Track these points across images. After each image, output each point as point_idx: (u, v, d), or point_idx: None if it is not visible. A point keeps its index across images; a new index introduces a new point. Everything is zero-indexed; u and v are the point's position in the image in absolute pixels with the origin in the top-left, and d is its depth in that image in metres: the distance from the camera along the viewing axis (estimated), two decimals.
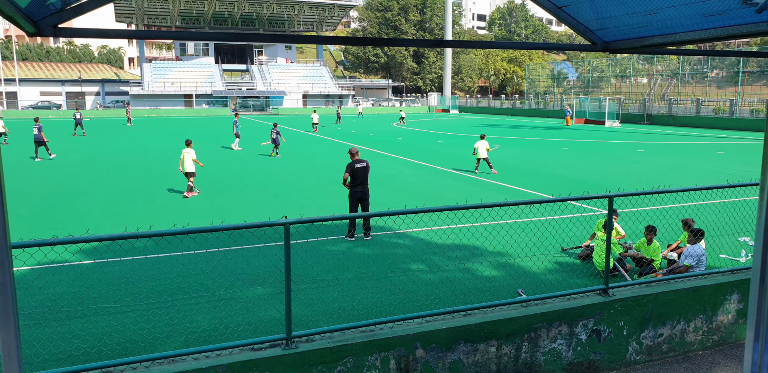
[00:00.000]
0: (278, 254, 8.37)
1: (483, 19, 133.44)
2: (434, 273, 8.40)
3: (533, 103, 69.32)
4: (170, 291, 7.55)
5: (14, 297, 2.57)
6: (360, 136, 35.29)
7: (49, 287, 7.64)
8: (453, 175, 18.83)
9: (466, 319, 6.10)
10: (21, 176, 18.54)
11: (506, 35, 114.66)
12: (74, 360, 5.63)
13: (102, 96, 77.84)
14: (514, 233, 9.47)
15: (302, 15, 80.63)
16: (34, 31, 3.00)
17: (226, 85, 75.07)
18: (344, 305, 7.12)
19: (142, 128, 44.28)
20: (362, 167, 10.72)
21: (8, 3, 2.51)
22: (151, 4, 71.44)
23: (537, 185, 16.50)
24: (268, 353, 5.35)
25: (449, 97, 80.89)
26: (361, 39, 3.82)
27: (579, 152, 25.98)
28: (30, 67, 77.15)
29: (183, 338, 6.15)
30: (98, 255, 9.31)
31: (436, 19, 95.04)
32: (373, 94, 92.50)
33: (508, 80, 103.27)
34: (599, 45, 4.48)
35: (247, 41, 3.29)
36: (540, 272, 8.41)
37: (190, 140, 15.69)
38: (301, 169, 20.52)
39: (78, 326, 6.47)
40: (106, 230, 11.07)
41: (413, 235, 10.69)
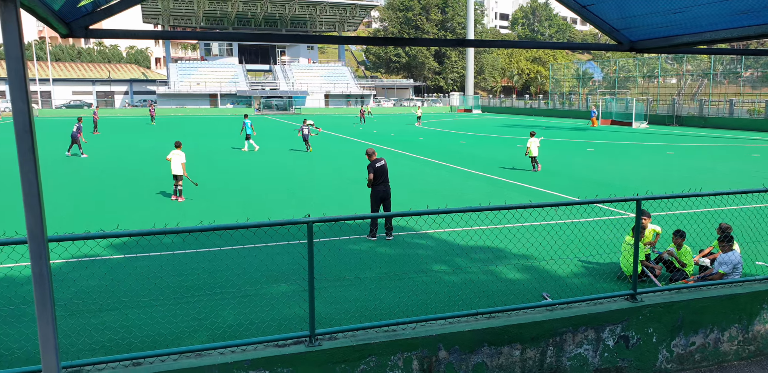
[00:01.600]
0: (302, 252, 8.45)
1: (506, 19, 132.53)
2: (457, 275, 8.38)
3: (558, 103, 68.62)
4: (197, 286, 7.66)
5: (51, 289, 2.65)
6: (381, 136, 35.34)
7: (83, 279, 7.81)
8: (475, 175, 18.76)
9: (490, 321, 6.08)
10: (53, 172, 18.94)
11: (529, 35, 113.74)
12: (106, 351, 5.76)
13: (130, 95, 79.17)
14: (539, 236, 9.41)
15: (324, 15, 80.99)
16: (67, 32, 3.09)
17: (250, 85, 75.76)
18: (367, 304, 7.14)
19: (166, 127, 44.90)
20: (382, 166, 10.76)
21: (43, 5, 2.58)
22: (177, 5, 72.41)
23: (562, 187, 16.35)
24: (291, 349, 5.40)
25: (471, 97, 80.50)
26: (383, 39, 3.83)
27: (605, 154, 25.66)
28: (63, 67, 78.81)
29: (209, 332, 6.25)
30: (128, 250, 9.49)
31: (457, 18, 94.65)
32: (395, 94, 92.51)
33: (532, 80, 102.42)
34: (625, 44, 4.43)
35: (269, 42, 3.33)
36: (565, 275, 8.33)
37: (179, 142, 14.84)
38: (323, 168, 20.62)
39: (109, 318, 6.61)
40: (136, 226, 11.26)
41: (435, 235, 10.68)
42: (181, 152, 14.42)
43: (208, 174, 18.90)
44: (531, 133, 19.86)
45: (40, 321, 2.66)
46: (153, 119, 49.98)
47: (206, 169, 19.96)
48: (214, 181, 17.52)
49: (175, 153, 14.32)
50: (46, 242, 2.65)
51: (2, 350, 5.77)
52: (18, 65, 2.36)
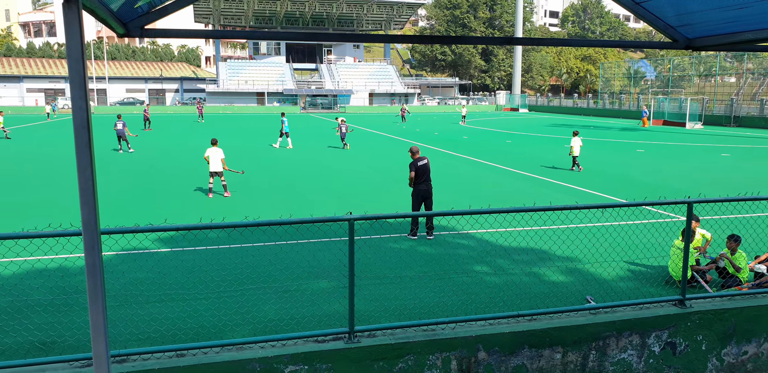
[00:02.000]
0: (342, 249, 8.51)
1: (555, 16, 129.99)
2: (498, 276, 8.29)
3: (607, 102, 66.90)
4: (240, 280, 7.82)
5: (102, 279, 2.75)
6: (424, 135, 35.23)
7: (131, 272, 8.09)
8: (520, 176, 18.50)
9: (531, 324, 6.00)
10: (103, 166, 19.65)
11: (580, 32, 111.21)
12: (152, 341, 5.94)
13: (180, 93, 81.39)
14: (584, 238, 9.21)
15: (371, 14, 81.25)
16: (124, 32, 3.20)
17: (296, 83, 76.73)
18: (406, 303, 7.15)
19: (213, 124, 45.94)
20: (424, 164, 10.72)
21: (102, 7, 2.68)
22: (227, 4, 73.92)
23: (610, 188, 15.95)
24: (331, 345, 5.46)
25: (518, 96, 79.35)
26: (430, 37, 3.82)
27: (656, 155, 24.90)
28: (117, 65, 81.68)
29: (251, 326, 6.37)
30: (175, 244, 9.78)
31: (506, 16, 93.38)
32: (439, 93, 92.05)
33: (581, 79, 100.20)
34: (681, 42, 4.28)
35: (317, 41, 3.36)
36: (611, 279, 8.14)
37: (216, 139, 15.08)
38: (365, 167, 20.72)
39: (156, 310, 6.82)
40: (182, 221, 11.58)
41: (477, 236, 10.59)
42: (219, 149, 14.64)
43: (253, 171, 19.26)
44: (574, 133, 20.02)
45: (92, 310, 2.76)
46: (201, 117, 51.08)
47: (251, 166, 20.35)
48: (259, 178, 17.84)
49: (213, 150, 14.51)
50: (99, 234, 2.76)
51: (55, 338, 6.03)
52: (78, 65, 2.46)
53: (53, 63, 79.55)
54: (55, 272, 8.06)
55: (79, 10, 2.41)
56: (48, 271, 8.08)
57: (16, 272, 8.10)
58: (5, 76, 74.19)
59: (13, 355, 5.67)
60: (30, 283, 7.72)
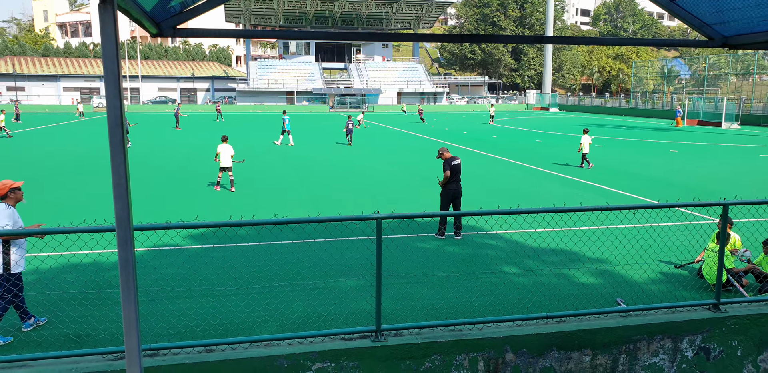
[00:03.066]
0: (370, 248, 8.53)
1: (587, 14, 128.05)
2: (527, 277, 8.20)
3: (640, 102, 65.66)
4: (269, 277, 7.90)
5: (135, 274, 2.80)
6: (453, 134, 35.07)
7: (162, 267, 8.23)
8: (550, 175, 18.28)
9: (560, 325, 5.92)
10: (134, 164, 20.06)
11: (612, 31, 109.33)
12: (182, 336, 6.04)
13: (212, 92, 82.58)
14: (615, 239, 9.06)
15: (400, 13, 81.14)
16: (157, 32, 3.25)
17: (325, 82, 77.12)
18: (433, 303, 7.12)
19: (235, 123, 46.43)
20: (458, 164, 10.70)
21: (136, 7, 2.73)
22: (258, 4, 74.65)
23: (642, 189, 15.65)
24: (357, 343, 5.47)
25: (549, 95, 78.43)
26: (459, 36, 3.79)
27: (690, 155, 24.34)
28: (150, 65, 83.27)
29: (279, 323, 6.42)
30: (205, 240, 9.92)
31: (536, 14, 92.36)
32: (468, 92, 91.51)
33: (613, 78, 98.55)
34: (717, 40, 4.17)
35: (346, 40, 3.37)
36: (642, 281, 7.98)
37: (226, 136, 15.64)
38: (392, 165, 20.71)
39: (186, 306, 6.93)
40: (212, 218, 11.74)
41: (506, 236, 10.50)
42: (229, 145, 15.29)
43: (282, 169, 19.43)
44: (584, 131, 20.48)
45: (124, 305, 2.82)
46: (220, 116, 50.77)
47: (281, 165, 20.54)
48: (288, 176, 17.98)
49: (224, 147, 15.13)
50: (132, 230, 2.81)
51: (89, 331, 6.17)
52: (113, 64, 2.51)
53: (89, 62, 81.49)
54: (89, 267, 8.25)
55: (114, 11, 2.46)
56: (82, 265, 8.28)
57: (53, 266, 8.33)
58: (43, 76, 76.29)
59: (49, 347, 5.83)
60: (65, 277, 7.92)
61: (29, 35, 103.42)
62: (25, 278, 7.82)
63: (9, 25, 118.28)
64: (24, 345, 5.84)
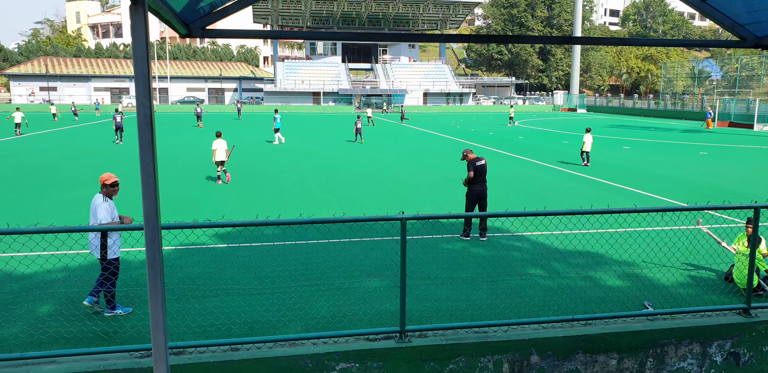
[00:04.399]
0: (394, 248, 8.52)
1: (616, 15, 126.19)
2: (553, 279, 8.11)
3: (669, 103, 64.45)
4: (294, 277, 7.95)
5: (162, 273, 2.84)
6: (479, 135, 34.88)
7: (189, 266, 8.34)
8: (577, 177, 18.05)
9: (586, 328, 5.85)
10: (163, 164, 20.38)
11: (641, 31, 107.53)
12: (207, 335, 6.12)
13: (239, 92, 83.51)
14: (642, 242, 8.91)
15: (426, 14, 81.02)
16: (186, 32, 3.30)
17: (352, 83, 77.40)
18: (458, 304, 7.09)
19: (254, 122, 46.83)
20: (482, 165, 10.61)
21: (166, 8, 2.77)
22: (285, 5, 75.29)
23: (670, 192, 15.36)
24: (382, 344, 5.48)
25: (576, 96, 77.50)
26: (486, 36, 3.77)
27: (720, 158, 23.80)
28: (179, 65, 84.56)
29: (303, 322, 6.46)
30: (231, 240, 10.03)
31: (564, 15, 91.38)
32: (495, 92, 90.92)
33: (642, 79, 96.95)
34: (750, 41, 4.07)
35: (373, 41, 3.37)
36: (670, 284, 7.83)
37: (220, 132, 16.76)
38: (417, 166, 20.68)
39: (212, 304, 7.01)
40: (239, 217, 11.87)
41: (532, 238, 10.40)
42: (223, 140, 16.52)
43: (307, 170, 19.55)
44: (587, 130, 21.11)
45: (152, 303, 2.86)
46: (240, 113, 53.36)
47: (306, 165, 20.67)
48: (314, 176, 18.08)
49: (219, 142, 16.33)
50: (159, 229, 2.85)
51: (117, 328, 6.29)
52: (144, 64, 2.56)
53: (119, 63, 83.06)
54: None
55: (145, 12, 2.50)
56: None
57: (82, 264, 8.49)
58: (75, 76, 77.99)
59: (78, 343, 5.95)
60: (94, 275, 8.07)
61: (62, 36, 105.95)
62: (54, 275, 8.02)
63: (43, 27, 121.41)
64: (53, 341, 5.97)
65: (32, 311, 6.79)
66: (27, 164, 20.28)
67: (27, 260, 8.11)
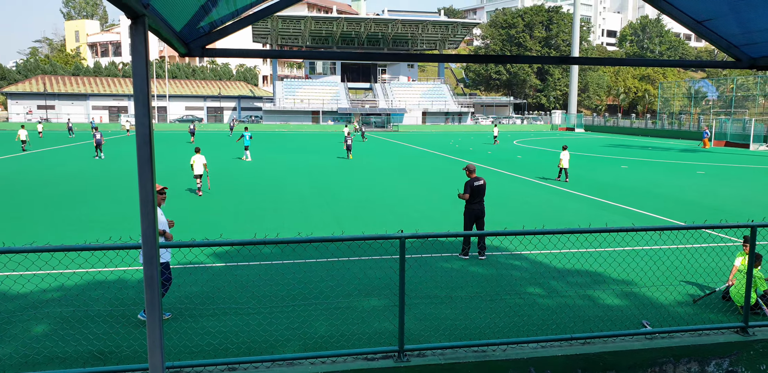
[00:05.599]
0: (393, 267, 8.50)
1: (613, 36, 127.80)
2: (552, 298, 8.09)
3: (666, 123, 64.93)
4: (292, 296, 7.92)
5: (160, 292, 2.84)
6: (477, 154, 35.02)
7: (186, 285, 8.31)
8: (576, 196, 18.10)
9: (585, 347, 5.83)
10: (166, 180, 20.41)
11: (638, 52, 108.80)
12: (204, 355, 6.07)
13: (238, 111, 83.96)
14: (641, 261, 8.91)
15: (426, 34, 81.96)
16: (186, 51, 3.35)
17: (351, 102, 77.93)
18: (456, 323, 7.05)
19: (266, 141, 47.00)
20: (480, 185, 10.63)
21: (166, 27, 2.82)
22: (285, 25, 76.15)
23: (668, 211, 15.39)
24: (380, 363, 5.44)
25: (574, 115, 78.05)
26: (485, 57, 3.84)
27: (717, 177, 23.90)
28: (178, 84, 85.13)
29: (301, 342, 6.42)
30: (229, 258, 10.00)
31: (562, 35, 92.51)
32: (494, 112, 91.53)
33: (639, 99, 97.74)
34: (745, 62, 4.15)
35: (372, 60, 3.43)
36: (668, 303, 7.81)
37: (199, 148, 18.29)
38: (416, 184, 20.72)
39: (209, 324, 6.97)
40: (237, 236, 11.85)
41: (531, 257, 10.39)
42: (202, 155, 17.91)
43: (306, 187, 19.58)
44: (563, 147, 22.23)
45: (149, 322, 2.86)
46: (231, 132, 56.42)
47: (306, 182, 20.70)
48: (313, 194, 18.10)
49: (197, 157, 17.69)
50: (157, 248, 2.86)
51: (113, 348, 6.24)
52: (143, 83, 2.60)
53: (117, 82, 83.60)
54: (114, 284, 8.37)
55: (145, 31, 2.54)
56: (108, 283, 8.40)
57: (78, 283, 8.46)
58: (73, 94, 78.36)
59: (73, 363, 5.89)
60: (90, 294, 8.04)
61: (60, 55, 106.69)
62: (49, 295, 7.97)
63: (41, 45, 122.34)
64: (48, 361, 5.92)
65: (27, 331, 6.73)
66: (25, 181, 20.30)
67: (22, 279, 8.07)
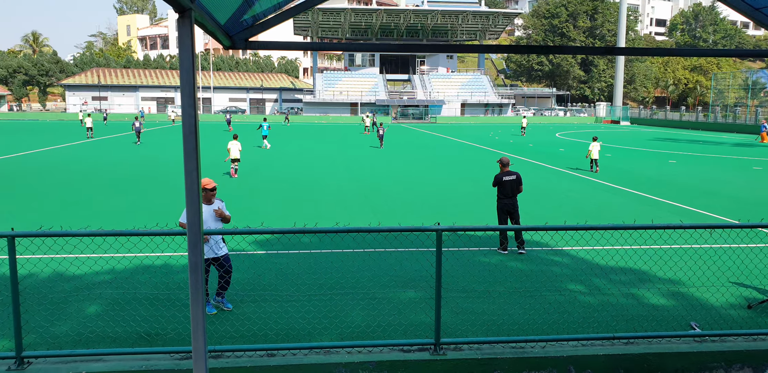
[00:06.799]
0: (430, 260, 8.46)
1: (662, 25, 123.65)
2: (594, 296, 7.91)
3: (719, 116, 62.55)
4: (329, 285, 7.98)
5: (202, 276, 2.89)
6: (518, 147, 34.52)
7: None
8: (621, 191, 17.65)
9: (628, 347, 5.68)
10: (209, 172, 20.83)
11: (690, 41, 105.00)
12: (244, 340, 6.18)
13: (279, 103, 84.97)
14: (689, 260, 8.62)
15: (466, 24, 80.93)
16: (230, 44, 3.39)
17: (389, 94, 77.80)
18: (494, 319, 6.97)
19: (305, 132, 47.39)
20: (510, 180, 10.41)
21: (211, 21, 2.85)
22: (325, 17, 76.36)
23: (720, 208, 14.85)
24: (416, 356, 5.43)
25: (620, 108, 76.06)
26: (526, 47, 3.74)
27: None
28: (222, 76, 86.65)
29: (338, 331, 6.46)
30: (270, 246, 10.15)
31: (608, 25, 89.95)
32: (535, 103, 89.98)
33: (690, 91, 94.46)
34: None
35: (411, 52, 3.39)
36: (719, 305, 7.52)
37: (237, 134, 20.28)
38: (455, 176, 20.57)
39: (249, 310, 7.09)
40: (277, 224, 12.01)
41: (572, 253, 10.18)
42: (238, 142, 19.68)
43: (343, 177, 19.68)
44: (593, 138, 22.50)
45: (193, 306, 2.91)
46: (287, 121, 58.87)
47: (342, 172, 20.81)
48: (350, 184, 18.17)
49: (233, 143, 19.52)
50: (201, 234, 2.90)
51: (159, 330, 6.41)
52: (189, 75, 2.63)
53: (165, 74, 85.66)
54: (160, 269, 8.60)
55: (192, 24, 2.57)
56: (154, 267, 8.64)
57: (127, 267, 8.73)
58: (124, 86, 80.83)
59: (122, 343, 6.10)
60: (138, 278, 8.29)
61: (113, 48, 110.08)
62: (101, 277, 8.25)
63: (96, 40, 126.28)
64: (100, 340, 6.13)
65: (81, 311, 7.00)
66: (87, 166, 21.03)
67: (78, 261, 8.39)
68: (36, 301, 7.19)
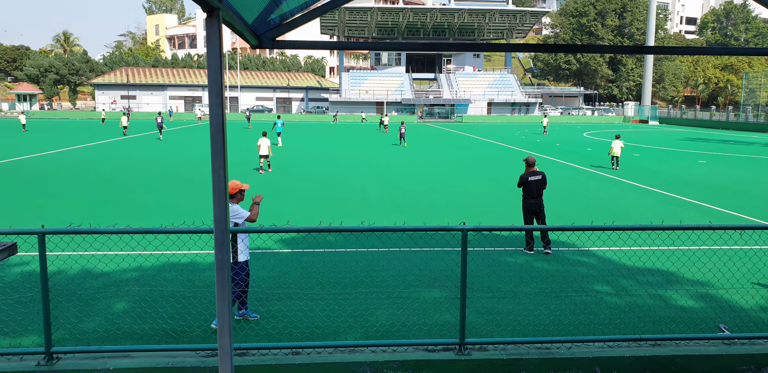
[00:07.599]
0: (455, 260, 8.45)
1: (692, 23, 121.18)
2: (621, 297, 7.81)
3: (751, 115, 61.08)
4: (354, 284, 8.01)
5: (229, 274, 2.93)
6: (545, 146, 34.17)
7: (254, 270, 8.55)
8: (649, 192, 17.36)
9: (655, 349, 5.60)
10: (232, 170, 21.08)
11: (721, 40, 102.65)
12: (270, 338, 6.24)
13: (305, 102, 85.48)
14: (718, 261, 8.44)
15: (492, 23, 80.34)
16: (257, 43, 3.42)
17: (415, 93, 77.68)
18: (519, 319, 6.93)
19: (328, 132, 47.58)
20: (536, 180, 10.34)
21: (239, 20, 2.88)
22: (352, 16, 76.54)
23: (750, 209, 14.51)
24: (440, 355, 5.43)
25: (648, 107, 74.77)
26: (554, 46, 3.71)
27: None
28: (249, 75, 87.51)
29: (363, 329, 6.49)
30: (295, 245, 10.23)
31: (636, 23, 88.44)
32: (563, 103, 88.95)
33: (721, 90, 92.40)
34: None
35: (437, 51, 3.38)
36: (749, 308, 7.37)
37: (265, 132, 21.78)
38: (480, 176, 20.46)
39: (275, 308, 7.17)
40: (303, 223, 12.09)
41: (599, 254, 10.06)
42: (267, 139, 20.59)
43: (368, 176, 19.72)
44: (616, 136, 22.76)
45: (219, 304, 2.95)
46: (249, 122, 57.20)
47: (366, 171, 20.85)
48: (375, 183, 18.21)
49: (263, 140, 20.44)
50: (228, 232, 2.95)
51: (185, 327, 6.52)
52: (217, 74, 2.67)
53: (193, 72, 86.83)
54: (187, 267, 8.73)
55: (219, 24, 2.61)
56: (181, 265, 8.78)
57: (154, 265, 8.88)
58: (153, 85, 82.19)
59: (149, 340, 6.21)
60: (165, 275, 8.43)
61: (142, 48, 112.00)
62: (129, 274, 8.41)
63: (125, 39, 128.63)
64: (127, 337, 6.26)
65: (109, 307, 7.15)
66: (122, 164, 21.47)
67: (106, 259, 8.57)
68: (65, 297, 7.35)
